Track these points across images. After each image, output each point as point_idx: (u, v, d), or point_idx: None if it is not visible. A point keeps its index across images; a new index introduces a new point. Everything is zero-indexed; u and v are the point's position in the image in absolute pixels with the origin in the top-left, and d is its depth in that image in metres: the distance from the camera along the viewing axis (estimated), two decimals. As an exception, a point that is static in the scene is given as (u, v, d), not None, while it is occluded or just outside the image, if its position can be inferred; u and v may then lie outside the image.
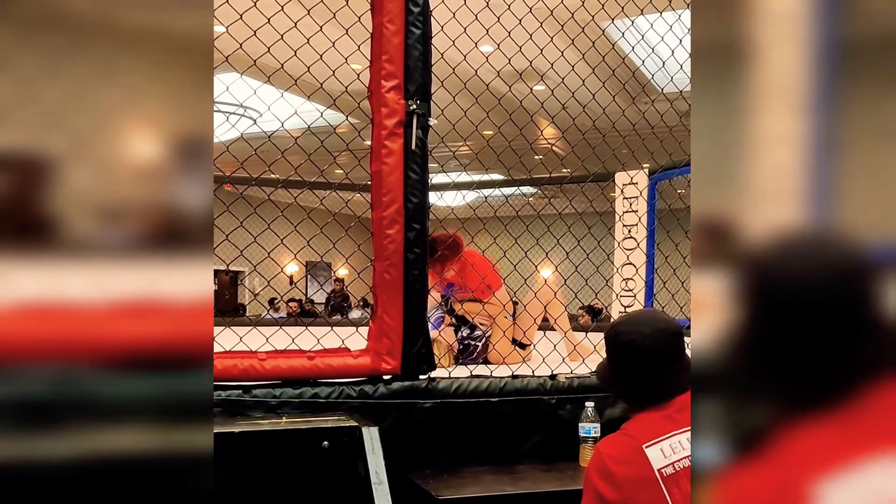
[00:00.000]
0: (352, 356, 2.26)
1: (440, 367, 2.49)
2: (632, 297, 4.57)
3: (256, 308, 11.74)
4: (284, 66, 2.26)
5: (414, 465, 2.18)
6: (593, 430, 2.24)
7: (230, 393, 2.09)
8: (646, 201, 4.75)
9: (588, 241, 2.91)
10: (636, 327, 1.58)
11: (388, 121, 2.22)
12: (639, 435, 1.47)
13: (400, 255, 2.24)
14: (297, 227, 2.43)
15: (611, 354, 1.64)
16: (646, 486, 1.40)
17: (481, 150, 2.79)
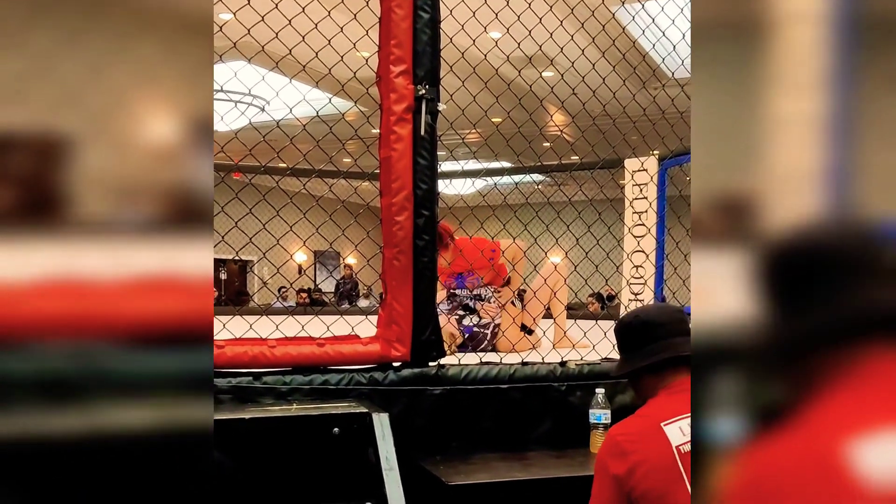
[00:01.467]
0: (361, 343, 2.26)
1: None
2: (642, 284, 4.55)
3: (265, 297, 11.79)
4: (292, 52, 2.25)
5: (424, 451, 2.19)
6: (604, 416, 2.24)
7: (240, 380, 2.10)
8: (656, 187, 4.72)
9: (598, 228, 2.90)
10: (641, 308, 1.66)
11: (396, 106, 2.21)
12: (656, 414, 1.47)
13: (409, 241, 2.23)
14: (306, 215, 2.42)
15: (620, 334, 1.65)
16: (661, 464, 1.39)
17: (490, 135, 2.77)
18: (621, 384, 2.45)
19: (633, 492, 1.41)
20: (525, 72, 2.87)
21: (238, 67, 2.70)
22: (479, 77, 2.65)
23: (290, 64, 2.45)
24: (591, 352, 2.68)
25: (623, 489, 1.42)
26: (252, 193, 2.55)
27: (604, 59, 2.86)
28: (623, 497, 1.43)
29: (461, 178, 7.64)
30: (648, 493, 1.39)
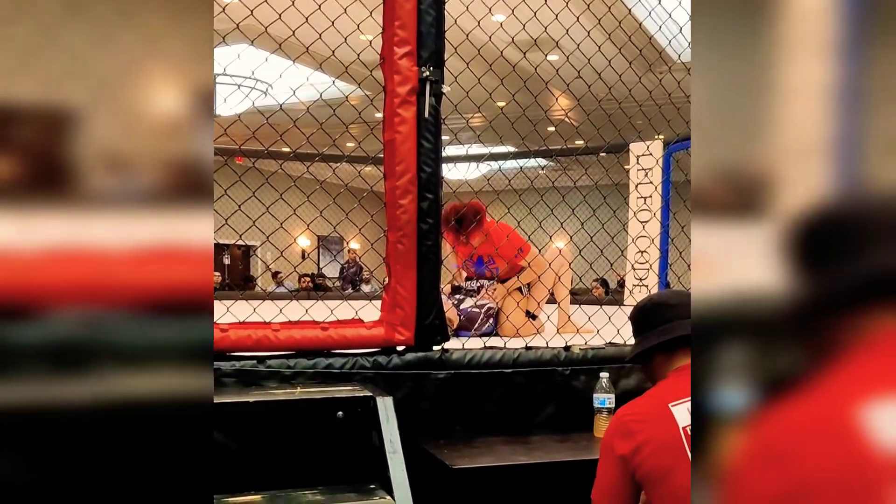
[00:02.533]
0: (365, 327, 2.25)
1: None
2: (646, 270, 4.54)
3: (269, 281, 11.78)
4: (295, 33, 2.23)
5: (428, 435, 2.19)
6: (608, 400, 2.23)
7: (244, 363, 2.10)
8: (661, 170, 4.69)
9: (602, 213, 2.88)
10: (655, 293, 1.66)
11: (400, 88, 2.19)
12: (664, 395, 1.47)
13: (413, 225, 2.22)
14: (310, 199, 2.41)
15: (634, 318, 1.68)
16: (667, 443, 1.38)
17: (496, 117, 2.75)
18: (626, 368, 2.45)
19: (638, 471, 1.40)
20: (530, 55, 2.84)
21: (240, 50, 2.67)
22: (484, 59, 2.63)
23: (293, 46, 2.43)
24: (595, 336, 2.68)
25: (628, 469, 1.42)
26: (255, 178, 2.54)
27: (609, 42, 2.83)
28: (628, 477, 1.43)
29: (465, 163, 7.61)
30: (652, 471, 1.39)
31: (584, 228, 2.74)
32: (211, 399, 1.07)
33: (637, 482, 1.42)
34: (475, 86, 2.42)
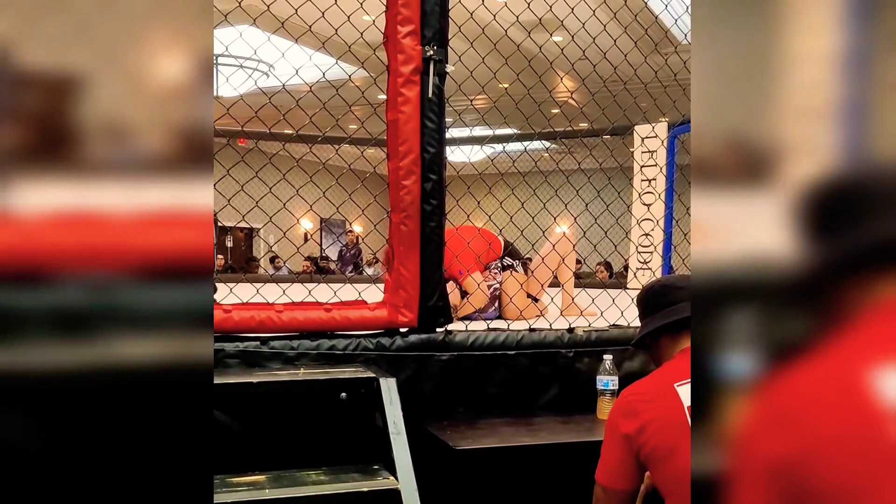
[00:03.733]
0: (369, 309, 2.25)
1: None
2: (650, 253, 4.52)
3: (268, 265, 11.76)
4: (298, 12, 2.20)
5: (431, 417, 2.19)
6: (611, 382, 2.23)
7: (248, 344, 2.10)
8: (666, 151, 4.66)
9: (607, 196, 2.86)
10: (662, 277, 1.71)
11: (404, 68, 2.17)
12: (669, 375, 1.46)
13: (416, 206, 2.21)
14: (313, 180, 2.40)
15: (640, 300, 1.67)
16: (671, 422, 1.38)
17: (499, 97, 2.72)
18: (629, 351, 2.45)
19: (642, 450, 1.40)
20: (534, 35, 2.81)
21: (242, 29, 2.65)
22: (489, 39, 2.60)
23: (295, 27, 2.40)
24: (598, 318, 2.67)
25: (632, 448, 1.42)
26: (256, 160, 2.52)
27: (614, 23, 2.80)
28: (632, 457, 1.42)
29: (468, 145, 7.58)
30: (656, 450, 1.39)
31: (589, 210, 2.72)
32: (211, 364, 1.08)
33: (641, 462, 1.42)
34: (479, 65, 2.39)
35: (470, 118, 5.67)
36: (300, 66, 2.35)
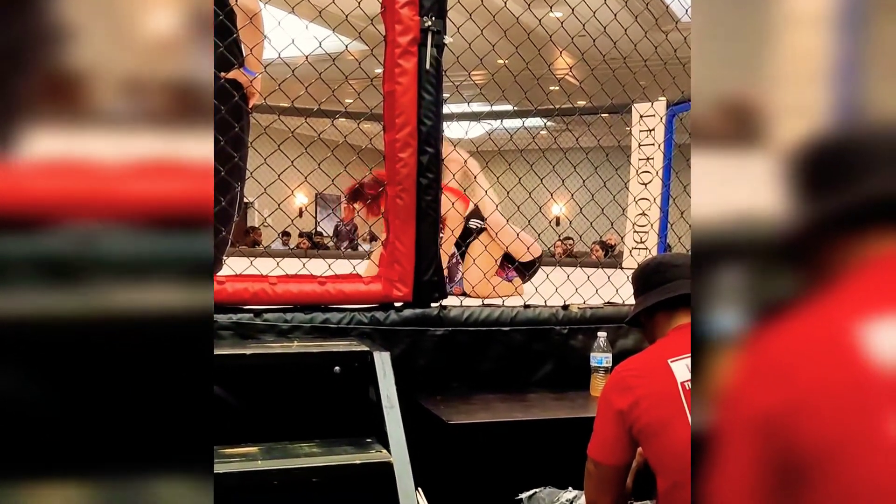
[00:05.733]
0: (363, 282, 2.24)
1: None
2: (646, 232, 4.51)
3: (265, 239, 11.69)
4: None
5: (425, 392, 2.19)
6: (605, 360, 2.23)
7: (241, 316, 2.08)
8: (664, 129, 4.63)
9: (604, 173, 2.84)
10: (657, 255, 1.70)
11: (401, 38, 2.13)
12: (663, 351, 1.46)
13: (413, 179, 2.18)
14: (308, 151, 2.37)
15: (636, 277, 1.67)
16: (664, 398, 1.38)
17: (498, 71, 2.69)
18: (623, 328, 2.45)
19: (635, 426, 1.40)
20: (534, 9, 2.76)
21: None
22: (488, 11, 2.56)
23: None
24: (594, 296, 2.67)
25: (625, 424, 1.42)
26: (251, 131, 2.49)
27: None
28: (625, 432, 1.42)
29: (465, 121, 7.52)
30: (649, 426, 1.38)
31: (586, 186, 2.70)
32: (211, 314, 1.08)
33: (634, 437, 1.42)
34: (478, 37, 2.36)
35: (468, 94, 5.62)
36: (294, 38, 2.30)
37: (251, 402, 1.87)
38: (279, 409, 1.89)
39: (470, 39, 2.39)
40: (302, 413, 1.88)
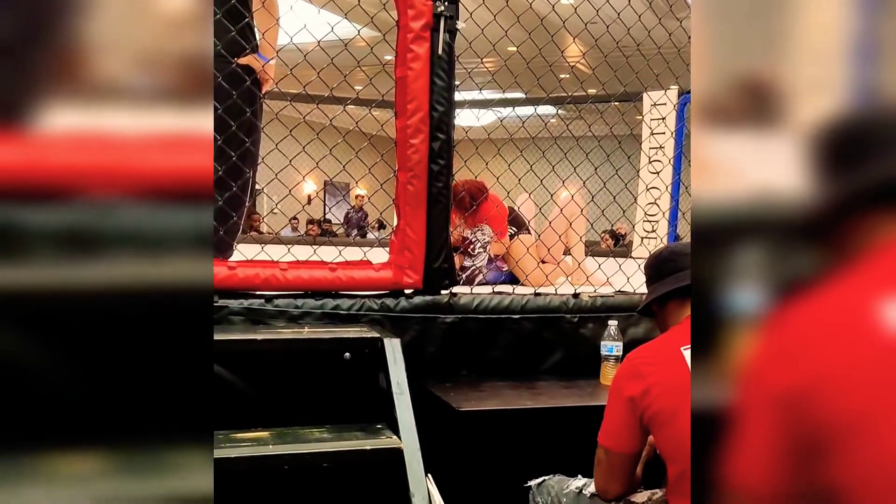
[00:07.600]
0: (374, 269, 2.23)
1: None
2: (657, 222, 4.49)
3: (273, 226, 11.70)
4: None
5: (434, 378, 2.19)
6: (615, 348, 2.23)
7: (252, 302, 2.09)
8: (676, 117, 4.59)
9: (615, 161, 2.82)
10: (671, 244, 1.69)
11: (414, 23, 2.12)
12: (676, 339, 1.45)
13: (424, 165, 2.17)
14: (319, 136, 2.36)
15: (649, 266, 1.66)
16: (676, 385, 1.37)
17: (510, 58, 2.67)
18: (634, 317, 2.44)
19: (646, 413, 1.40)
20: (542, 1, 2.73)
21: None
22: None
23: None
24: (604, 285, 2.66)
25: (636, 411, 1.41)
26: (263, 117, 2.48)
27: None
28: (636, 420, 1.42)
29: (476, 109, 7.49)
30: (660, 413, 1.38)
31: (598, 174, 2.68)
32: (211, 286, 1.11)
33: (644, 425, 1.42)
34: (490, 23, 2.34)
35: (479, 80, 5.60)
36: (305, 24, 2.29)
37: (262, 388, 1.87)
38: (290, 394, 1.90)
39: (482, 25, 2.37)
40: (312, 399, 1.89)
